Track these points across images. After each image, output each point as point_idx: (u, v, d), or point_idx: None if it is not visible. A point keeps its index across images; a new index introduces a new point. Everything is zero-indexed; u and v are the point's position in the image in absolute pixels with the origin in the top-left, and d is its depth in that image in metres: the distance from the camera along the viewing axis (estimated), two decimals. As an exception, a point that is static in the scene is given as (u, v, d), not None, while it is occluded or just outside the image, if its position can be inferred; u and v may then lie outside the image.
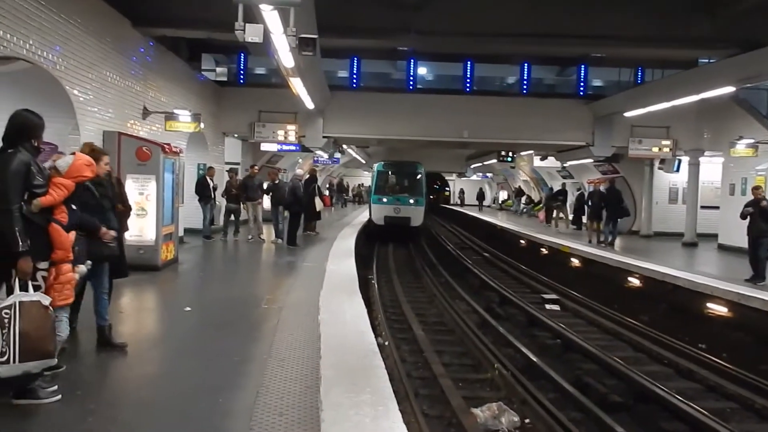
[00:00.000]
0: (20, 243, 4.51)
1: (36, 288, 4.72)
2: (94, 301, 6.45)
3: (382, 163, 29.89)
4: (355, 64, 23.01)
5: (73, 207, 5.00)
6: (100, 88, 12.02)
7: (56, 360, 4.78)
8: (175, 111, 15.74)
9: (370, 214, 27.80)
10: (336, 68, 24.61)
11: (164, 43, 16.05)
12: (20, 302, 4.53)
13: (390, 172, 28.52)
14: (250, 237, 17.65)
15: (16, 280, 4.62)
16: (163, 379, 5.92)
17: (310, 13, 10.69)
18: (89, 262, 6.31)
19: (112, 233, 6.05)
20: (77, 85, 10.99)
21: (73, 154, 5.39)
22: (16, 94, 10.27)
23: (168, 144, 12.73)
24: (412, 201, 26.75)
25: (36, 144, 4.81)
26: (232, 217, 18.03)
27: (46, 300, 4.65)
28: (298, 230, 17.07)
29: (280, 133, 21.18)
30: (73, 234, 5.09)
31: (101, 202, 6.16)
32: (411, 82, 23.06)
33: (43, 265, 4.78)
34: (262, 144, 22.73)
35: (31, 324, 4.51)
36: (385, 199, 26.97)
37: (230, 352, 6.48)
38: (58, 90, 10.45)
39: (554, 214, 28.88)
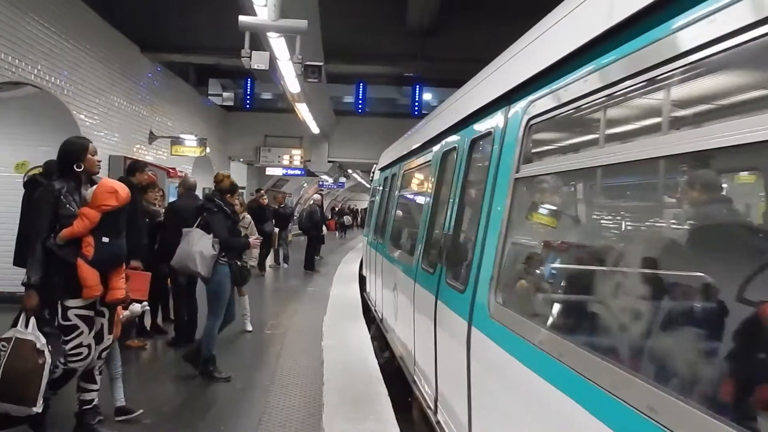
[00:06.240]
0: (26, 276, 4.27)
1: (71, 329, 4.38)
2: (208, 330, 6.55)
3: None
4: (361, 89, 23.19)
5: (104, 239, 4.46)
6: (107, 113, 12.11)
7: (34, 410, 4.19)
8: (182, 136, 15.83)
9: None
10: (342, 93, 24.79)
11: (172, 68, 16.22)
12: (16, 338, 4.21)
13: None
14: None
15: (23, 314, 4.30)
16: (165, 404, 5.87)
17: (316, 40, 10.80)
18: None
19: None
20: (84, 110, 11.07)
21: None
22: (23, 118, 10.37)
23: (173, 168, 12.80)
24: None
25: (81, 167, 4.51)
26: None
27: (41, 342, 4.23)
28: (316, 255, 17.02)
29: (286, 157, 21.33)
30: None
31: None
32: (416, 108, 23.18)
33: (74, 302, 4.38)
34: (267, 168, 22.84)
35: (16, 364, 4.16)
36: None
37: (233, 379, 6.43)
38: (65, 114, 10.54)
39: None
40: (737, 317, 1.82)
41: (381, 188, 10.16)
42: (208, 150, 16.71)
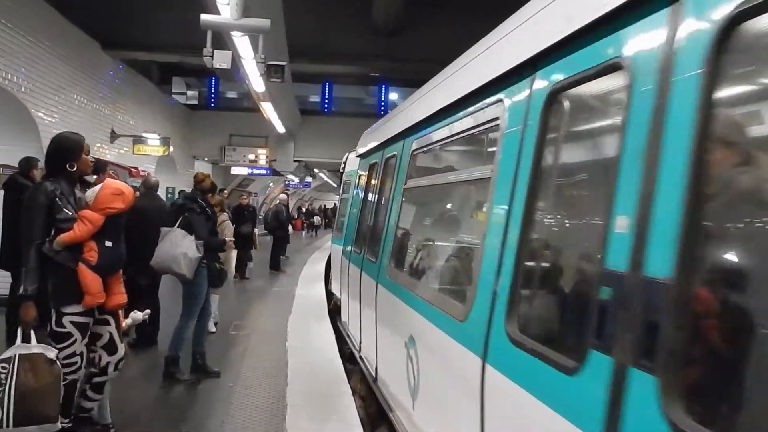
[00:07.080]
0: (22, 286, 3.95)
1: (65, 336, 4.07)
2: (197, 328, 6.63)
3: None
4: (327, 88, 23.17)
5: (108, 243, 4.23)
6: (67, 111, 11.88)
7: (59, 425, 3.94)
8: (144, 134, 15.63)
9: None
10: (308, 93, 24.72)
11: (135, 66, 15.99)
12: (20, 355, 3.86)
13: None
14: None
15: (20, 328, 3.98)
16: (127, 406, 5.79)
17: (280, 39, 10.76)
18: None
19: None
20: (42, 108, 10.85)
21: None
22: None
23: (136, 168, 12.63)
24: None
25: (74, 167, 4.19)
26: None
27: (51, 353, 3.93)
28: (281, 255, 16.93)
29: (251, 156, 21.20)
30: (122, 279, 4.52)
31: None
32: (382, 107, 23.22)
33: (72, 308, 4.10)
34: (232, 167, 22.67)
35: (30, 381, 3.82)
36: None
37: (196, 380, 6.36)
38: (22, 112, 10.31)
39: None
40: None
41: (364, 181, 7.60)
42: (171, 149, 16.52)
